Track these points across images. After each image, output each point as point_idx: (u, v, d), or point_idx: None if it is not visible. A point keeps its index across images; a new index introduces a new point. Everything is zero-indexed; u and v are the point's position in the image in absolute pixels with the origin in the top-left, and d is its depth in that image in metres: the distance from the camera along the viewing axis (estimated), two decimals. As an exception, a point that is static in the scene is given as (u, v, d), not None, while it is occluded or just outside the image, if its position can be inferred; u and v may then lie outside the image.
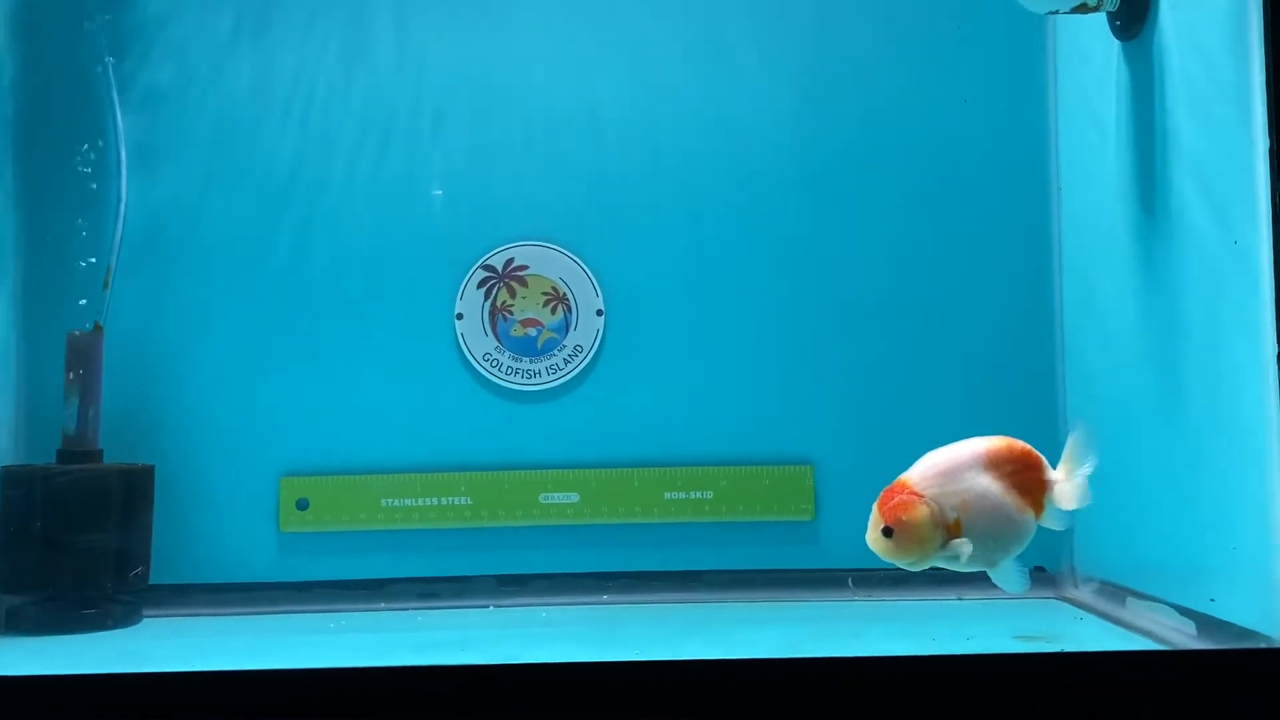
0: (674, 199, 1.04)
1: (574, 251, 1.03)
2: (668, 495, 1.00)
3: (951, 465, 0.65)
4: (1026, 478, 0.67)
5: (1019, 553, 0.68)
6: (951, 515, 0.64)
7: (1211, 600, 0.76)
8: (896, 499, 0.64)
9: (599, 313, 1.02)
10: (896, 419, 1.01)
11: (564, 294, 1.02)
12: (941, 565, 0.67)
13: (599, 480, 1.00)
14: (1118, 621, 0.89)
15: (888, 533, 0.64)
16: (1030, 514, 0.67)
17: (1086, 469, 0.67)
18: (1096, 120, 0.94)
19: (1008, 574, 0.68)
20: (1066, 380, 1.04)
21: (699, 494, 1.00)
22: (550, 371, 1.02)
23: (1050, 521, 0.68)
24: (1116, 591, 0.92)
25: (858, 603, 1.01)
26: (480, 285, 1.03)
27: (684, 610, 0.96)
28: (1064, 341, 1.04)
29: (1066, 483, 0.68)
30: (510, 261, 1.03)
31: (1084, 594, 0.99)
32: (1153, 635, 0.83)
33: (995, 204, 1.06)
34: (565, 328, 1.01)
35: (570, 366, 1.02)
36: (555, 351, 1.02)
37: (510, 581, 1.01)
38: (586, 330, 1.02)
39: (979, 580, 1.02)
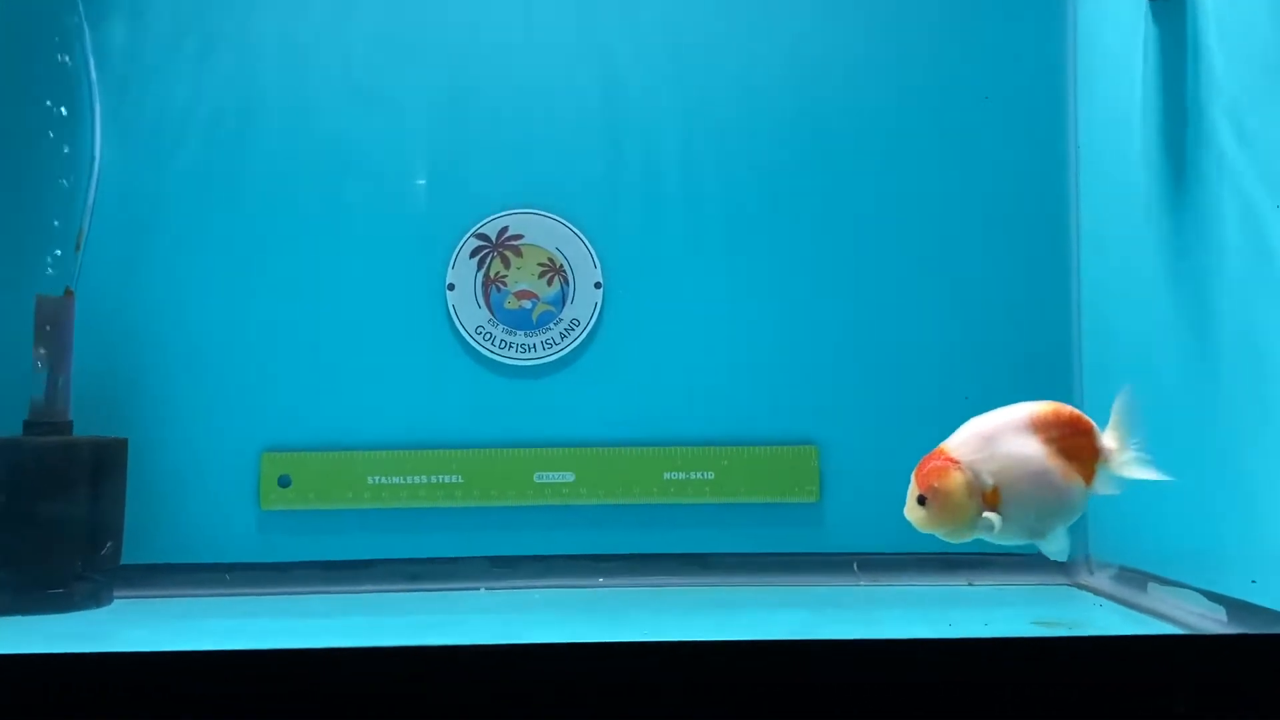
0: (677, 168, 1.00)
1: (572, 221, 0.99)
2: (667, 475, 0.96)
3: (992, 430, 0.62)
4: (1075, 443, 0.64)
5: (1070, 522, 0.64)
6: (989, 482, 0.61)
7: (1254, 582, 0.71)
8: (930, 465, 0.62)
9: (597, 285, 0.98)
10: (904, 398, 0.98)
11: (560, 265, 0.97)
12: (984, 536, 0.63)
13: (595, 459, 0.97)
14: (1139, 608, 0.86)
15: (922, 501, 0.62)
16: (1079, 481, 0.63)
17: (1137, 436, 0.64)
18: (1121, 82, 0.90)
19: (1058, 544, 0.65)
20: (1084, 355, 1.00)
21: (699, 474, 0.96)
22: (546, 346, 0.98)
23: (1103, 488, 0.65)
24: (1137, 577, 0.89)
25: (865, 587, 0.98)
26: (473, 255, 0.98)
27: (683, 594, 0.94)
28: (1081, 315, 1.00)
29: (1124, 452, 0.64)
30: (504, 230, 0.98)
31: (1101, 581, 0.95)
32: (1180, 622, 0.80)
33: (1008, 172, 1.01)
34: (562, 300, 0.97)
35: (567, 341, 0.97)
36: (551, 325, 0.97)
37: (502, 563, 0.97)
38: (584, 303, 0.98)
39: (991, 565, 0.99)
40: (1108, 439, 0.65)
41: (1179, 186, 0.82)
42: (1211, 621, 0.77)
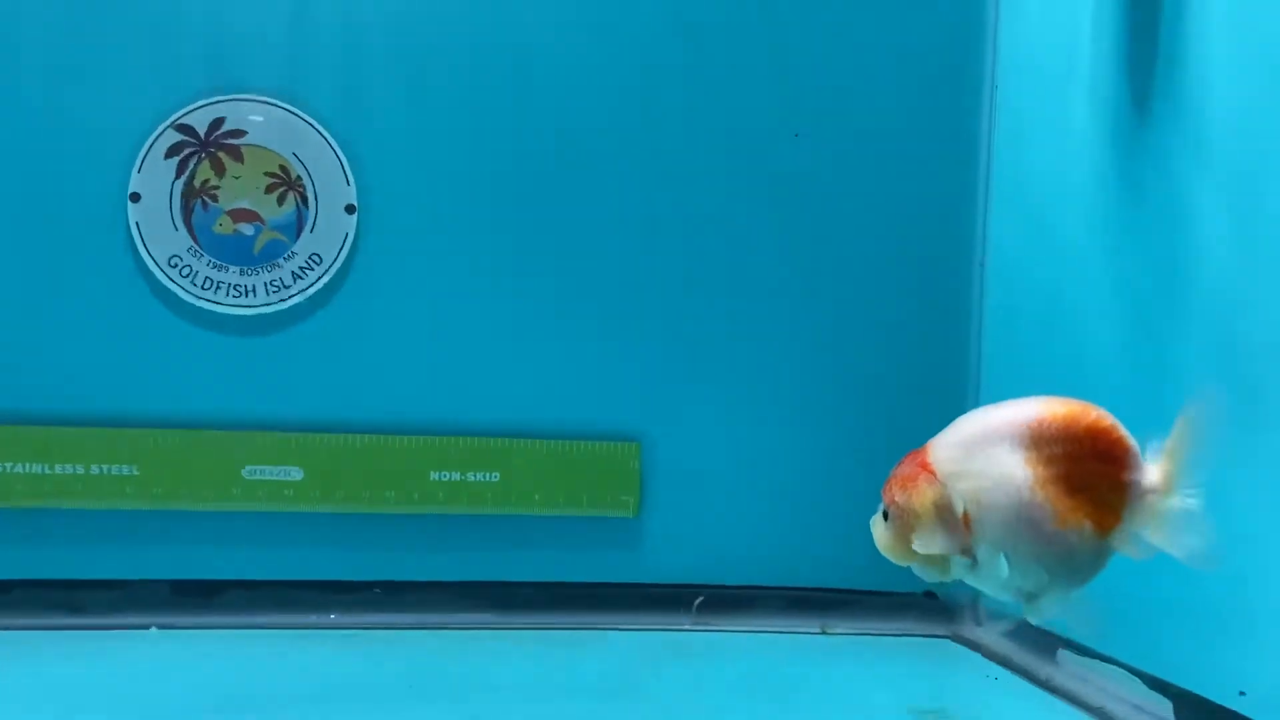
0: (477, 56, 0.76)
1: (317, 118, 0.75)
2: (435, 476, 0.76)
3: (979, 434, 0.45)
4: (1092, 470, 0.43)
5: (1074, 587, 0.44)
6: (960, 507, 0.44)
7: (1242, 694, 0.50)
8: (903, 470, 0.46)
9: (350, 209, 0.74)
10: (754, 383, 0.79)
11: (298, 178, 0.72)
12: (965, 579, 0.46)
13: (334, 450, 0.74)
14: (1047, 685, 0.65)
15: (887, 515, 0.47)
16: (1086, 527, 0.43)
17: (1201, 474, 0.42)
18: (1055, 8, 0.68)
19: (1040, 613, 0.45)
20: (983, 347, 0.78)
21: (480, 476, 0.76)
22: (271, 289, 0.72)
23: (1129, 545, 0.44)
24: (1042, 638, 0.68)
25: (692, 633, 0.75)
26: (170, 154, 0.73)
27: (448, 640, 0.72)
28: (984, 298, 0.79)
29: (1165, 494, 0.43)
30: (219, 123, 0.73)
31: (991, 636, 0.74)
32: (1104, 715, 0.58)
33: (898, 111, 0.79)
34: (297, 227, 0.74)
35: (302, 284, 0.74)
36: (281, 260, 0.73)
37: (192, 590, 0.74)
38: (330, 234, 0.74)
39: (853, 606, 0.78)
40: (1153, 471, 0.43)
41: (1136, 144, 0.61)
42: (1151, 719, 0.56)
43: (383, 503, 0.74)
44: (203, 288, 0.72)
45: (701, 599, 0.76)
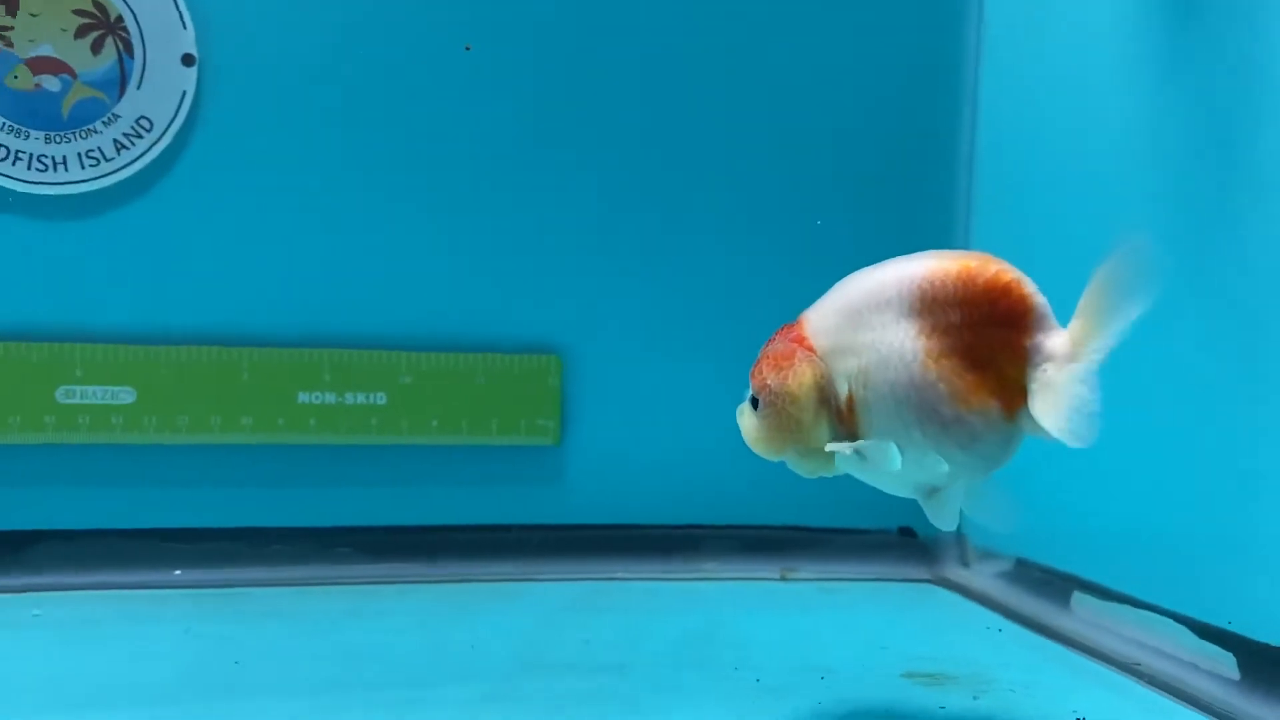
0: None
1: None
2: (304, 397, 0.63)
3: (864, 299, 0.39)
4: (995, 339, 0.37)
5: (982, 475, 0.38)
6: (844, 388, 0.39)
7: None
8: (774, 348, 0.40)
9: (188, 60, 0.60)
10: (693, 284, 0.66)
11: (118, 18, 0.60)
12: (852, 473, 0.39)
13: (173, 366, 0.61)
14: (1064, 638, 0.54)
15: (756, 404, 0.40)
16: (992, 408, 0.36)
17: (1112, 336, 0.36)
18: None
19: (942, 510, 0.39)
20: (972, 226, 0.65)
21: (361, 397, 0.63)
22: (87, 162, 0.60)
23: (1035, 424, 0.36)
24: (1049, 580, 0.56)
25: (633, 581, 0.65)
26: None
27: (328, 599, 0.58)
28: (973, 167, 0.66)
29: (1068, 361, 0.36)
30: None
31: (983, 578, 0.62)
32: (1141, 672, 0.47)
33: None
34: (120, 83, 0.60)
35: (128, 156, 0.60)
36: (99, 125, 0.60)
37: None
38: (162, 91, 0.60)
39: (818, 547, 0.66)
40: (1055, 337, 0.36)
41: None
42: (1209, 678, 0.45)
43: (238, 431, 0.60)
44: (-4, 160, 0.57)
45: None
